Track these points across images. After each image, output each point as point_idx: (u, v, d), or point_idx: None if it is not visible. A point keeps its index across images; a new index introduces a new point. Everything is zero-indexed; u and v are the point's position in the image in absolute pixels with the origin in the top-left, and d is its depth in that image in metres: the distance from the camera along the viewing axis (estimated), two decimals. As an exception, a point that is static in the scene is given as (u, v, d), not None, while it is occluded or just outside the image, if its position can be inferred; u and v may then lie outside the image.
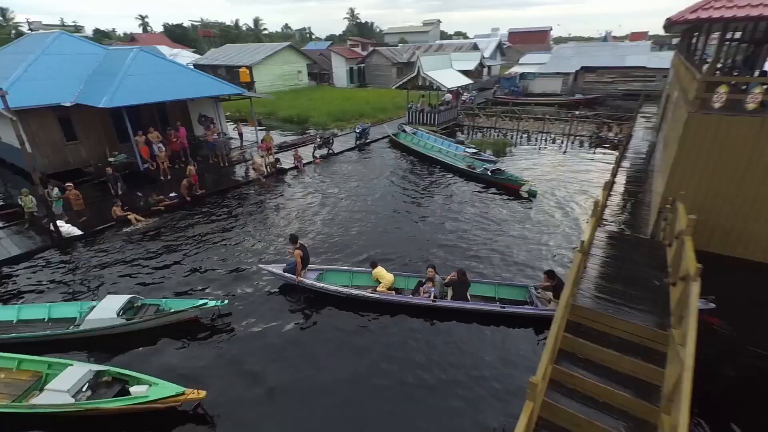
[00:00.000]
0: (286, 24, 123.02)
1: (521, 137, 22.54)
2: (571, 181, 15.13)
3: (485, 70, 43.22)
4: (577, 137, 21.74)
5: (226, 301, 7.59)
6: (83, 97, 14.16)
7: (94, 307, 7.46)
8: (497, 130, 23.76)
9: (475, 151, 17.69)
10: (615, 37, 64.79)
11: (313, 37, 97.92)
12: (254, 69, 36.12)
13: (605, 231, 8.91)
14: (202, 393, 5.74)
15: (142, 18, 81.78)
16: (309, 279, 8.45)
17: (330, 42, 63.15)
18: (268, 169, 15.85)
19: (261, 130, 19.29)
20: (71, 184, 11.84)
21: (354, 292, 8.14)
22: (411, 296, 8.05)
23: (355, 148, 20.14)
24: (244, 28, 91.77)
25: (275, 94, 31.16)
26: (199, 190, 13.50)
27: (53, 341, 7.07)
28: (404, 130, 21.41)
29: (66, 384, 5.63)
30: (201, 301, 7.50)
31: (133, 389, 5.78)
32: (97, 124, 15.64)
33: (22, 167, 14.96)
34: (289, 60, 39.67)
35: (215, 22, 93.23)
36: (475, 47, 44.91)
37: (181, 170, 14.46)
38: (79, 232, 11.03)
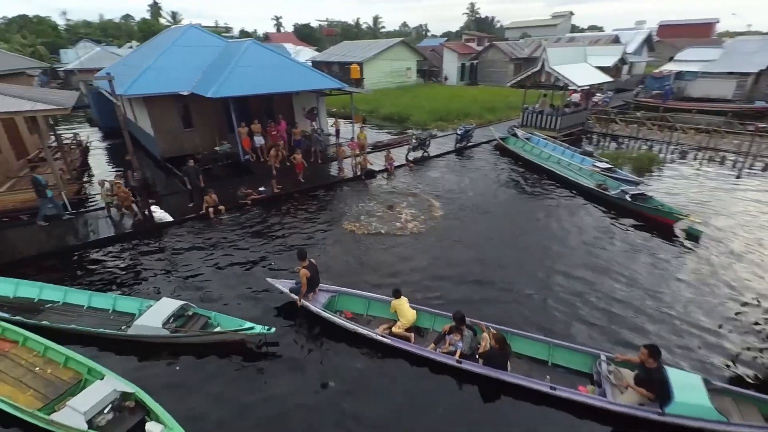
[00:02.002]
0: (404, 22, 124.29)
1: (673, 152, 17.72)
2: (754, 222, 10.79)
3: (625, 67, 36.54)
4: (759, 158, 16.19)
5: (273, 329, 6.45)
6: (198, 87, 14.82)
7: (150, 306, 7.10)
8: (639, 141, 19.19)
9: (608, 166, 14.09)
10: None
11: (429, 34, 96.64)
12: (364, 65, 36.18)
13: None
14: (214, 458, 4.63)
15: (277, 19, 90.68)
16: (318, 303, 7.17)
17: (445, 38, 60.97)
18: (357, 170, 14.80)
19: (360, 126, 18.47)
20: (119, 182, 11.18)
21: (362, 331, 6.61)
22: (433, 349, 6.24)
23: (454, 152, 18.00)
24: (364, 27, 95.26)
25: (382, 92, 30.60)
26: (302, 178, 13.74)
27: (104, 338, 6.84)
28: (515, 135, 18.48)
29: (86, 404, 5.09)
30: (248, 324, 6.55)
31: (148, 427, 4.99)
32: (211, 113, 16.41)
33: (154, 153, 16.54)
34: (399, 56, 38.91)
35: (339, 21, 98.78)
36: (616, 40, 38.27)
37: (281, 165, 14.52)
38: (170, 219, 11.30)
